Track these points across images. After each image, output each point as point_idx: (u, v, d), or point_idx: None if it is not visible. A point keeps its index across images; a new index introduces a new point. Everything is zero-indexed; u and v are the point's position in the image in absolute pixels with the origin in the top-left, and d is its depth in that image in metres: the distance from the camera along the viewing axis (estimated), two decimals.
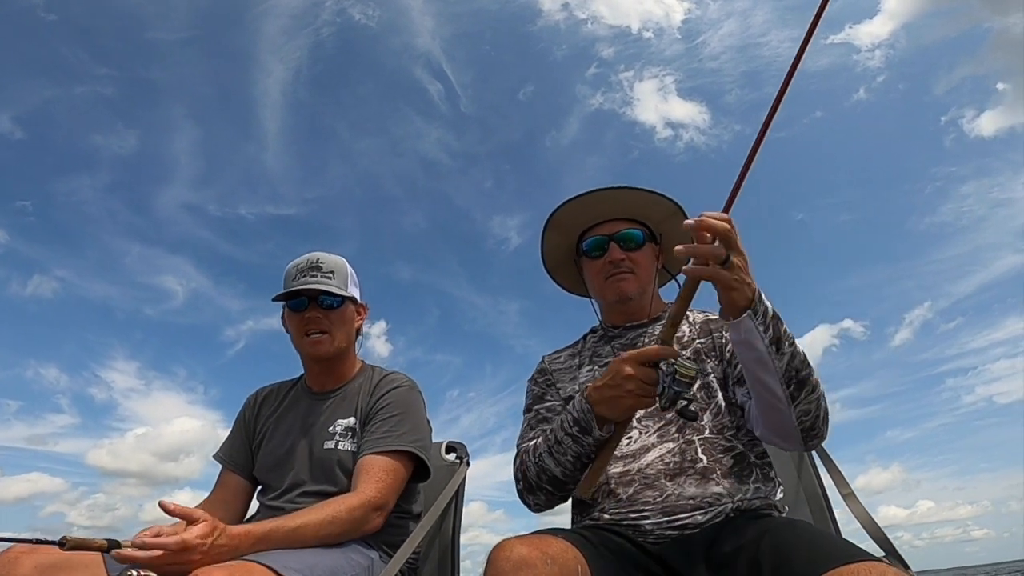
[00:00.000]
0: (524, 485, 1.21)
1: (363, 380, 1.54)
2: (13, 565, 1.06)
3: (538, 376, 1.38)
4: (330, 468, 1.41)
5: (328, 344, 1.47)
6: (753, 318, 0.94)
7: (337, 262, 1.50)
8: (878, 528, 1.16)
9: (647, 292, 1.34)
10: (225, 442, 1.61)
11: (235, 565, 1.02)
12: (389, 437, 1.38)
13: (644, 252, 1.33)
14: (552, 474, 1.13)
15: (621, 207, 1.33)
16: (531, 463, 1.17)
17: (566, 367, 1.35)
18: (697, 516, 1.04)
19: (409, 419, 1.43)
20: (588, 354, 1.34)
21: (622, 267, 1.30)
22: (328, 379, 1.55)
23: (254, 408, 1.62)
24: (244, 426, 1.60)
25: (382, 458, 1.35)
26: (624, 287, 1.29)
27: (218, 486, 1.54)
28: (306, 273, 1.46)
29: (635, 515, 1.07)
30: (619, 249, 1.30)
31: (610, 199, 1.33)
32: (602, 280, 1.32)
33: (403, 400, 1.47)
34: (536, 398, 1.34)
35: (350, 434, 1.45)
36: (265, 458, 1.51)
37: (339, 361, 1.54)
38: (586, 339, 1.41)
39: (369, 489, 1.28)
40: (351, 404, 1.49)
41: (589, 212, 1.35)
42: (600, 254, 1.32)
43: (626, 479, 1.12)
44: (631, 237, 1.31)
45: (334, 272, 1.48)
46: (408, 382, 1.53)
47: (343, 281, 1.49)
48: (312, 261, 1.48)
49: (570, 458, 1.10)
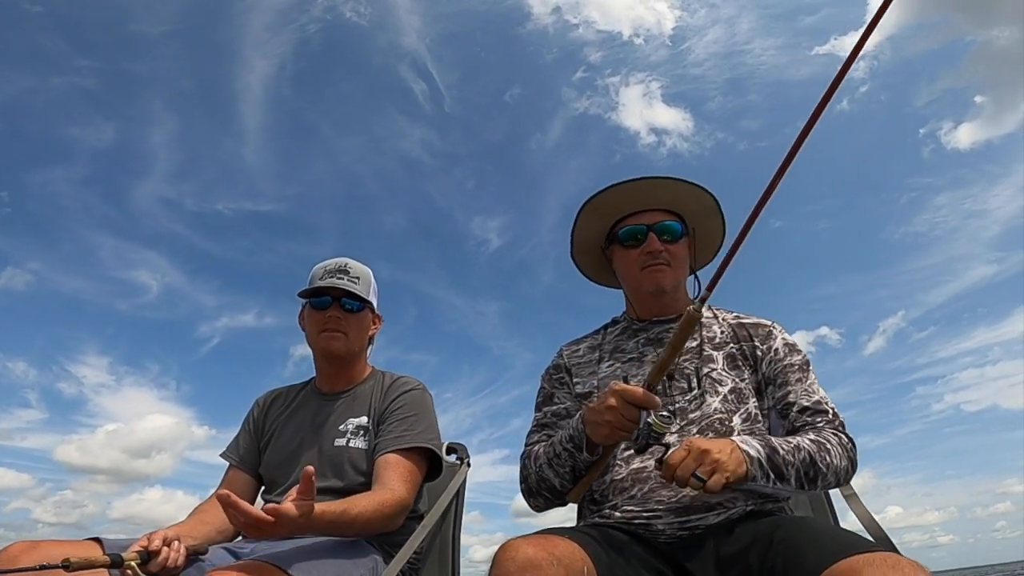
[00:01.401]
0: (525, 488, 1.25)
1: (374, 382, 1.57)
2: (12, 564, 1.04)
3: (553, 372, 1.37)
4: (340, 464, 1.42)
5: (342, 342, 1.51)
6: (751, 482, 0.99)
7: (363, 270, 1.56)
8: (879, 528, 1.18)
9: (680, 287, 1.32)
10: (232, 441, 1.62)
11: (247, 564, 1.03)
12: (408, 435, 1.41)
13: (681, 245, 1.29)
14: (551, 483, 1.18)
15: (661, 198, 1.29)
16: (532, 471, 1.21)
17: (585, 361, 1.33)
18: (710, 517, 1.05)
19: (424, 419, 1.47)
20: (609, 348, 1.32)
21: (660, 259, 1.26)
22: (339, 380, 1.58)
23: (263, 408, 1.64)
24: (252, 425, 1.61)
25: (403, 457, 1.38)
26: (661, 278, 1.26)
27: (224, 483, 1.55)
28: (333, 275, 1.51)
29: (648, 514, 1.08)
30: (658, 240, 1.26)
31: (650, 189, 1.28)
32: (637, 270, 1.28)
33: (417, 401, 1.51)
34: (545, 398, 1.34)
35: (362, 432, 1.47)
36: (273, 455, 1.52)
37: (350, 363, 1.58)
38: (607, 331, 1.38)
39: (401, 488, 1.32)
40: (363, 404, 1.52)
41: (628, 200, 1.30)
42: (636, 243, 1.28)
43: (642, 476, 1.12)
44: (671, 229, 1.27)
45: (360, 278, 1.53)
46: (420, 385, 1.57)
47: (366, 288, 1.54)
48: (341, 265, 1.53)
49: (567, 470, 1.15)
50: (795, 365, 1.21)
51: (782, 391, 1.19)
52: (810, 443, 1.06)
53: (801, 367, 1.21)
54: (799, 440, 1.06)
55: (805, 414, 1.15)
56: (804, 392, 1.17)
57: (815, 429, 1.12)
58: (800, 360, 1.22)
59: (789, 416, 1.16)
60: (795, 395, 1.17)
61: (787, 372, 1.20)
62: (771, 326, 1.28)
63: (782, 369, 1.20)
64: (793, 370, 1.20)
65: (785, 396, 1.18)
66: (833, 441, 1.09)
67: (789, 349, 1.23)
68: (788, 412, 1.16)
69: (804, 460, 1.03)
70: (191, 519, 1.37)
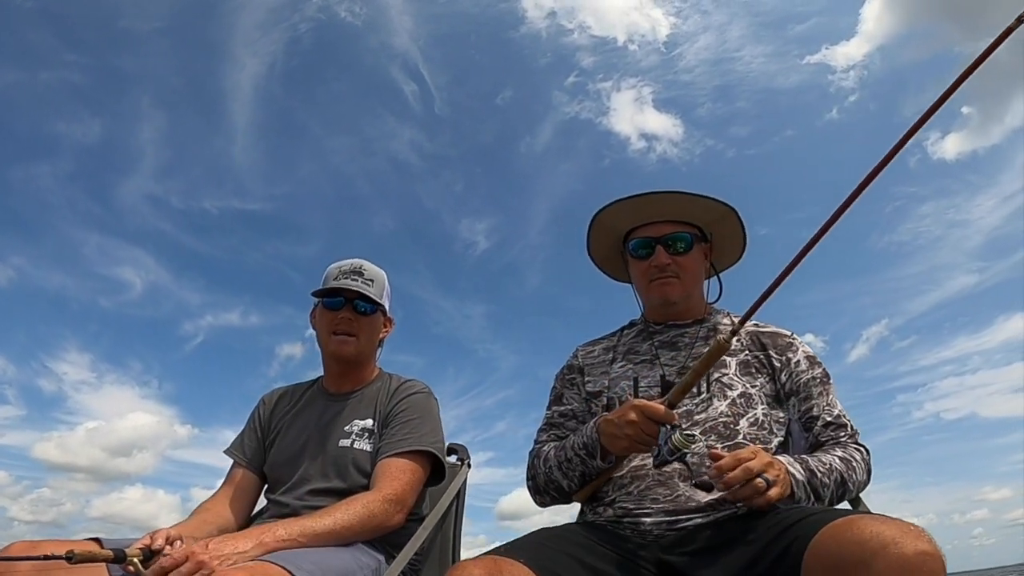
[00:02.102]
0: (533, 486, 1.30)
1: (381, 385, 1.56)
2: (12, 564, 1.03)
3: (566, 372, 1.39)
4: (343, 465, 1.41)
5: (353, 346, 1.50)
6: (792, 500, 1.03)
7: (378, 273, 1.55)
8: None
9: (692, 295, 1.34)
10: (237, 438, 1.60)
11: (253, 566, 1.02)
12: (408, 439, 1.40)
13: (692, 255, 1.30)
14: (559, 484, 1.22)
15: (669, 210, 1.30)
16: (541, 471, 1.25)
17: (599, 361, 1.35)
18: (697, 518, 1.05)
19: (427, 423, 1.46)
20: (623, 349, 1.34)
21: (667, 272, 1.28)
22: (346, 381, 1.57)
23: (269, 406, 1.62)
24: (258, 423, 1.60)
25: (400, 459, 1.37)
26: (668, 291, 1.28)
27: (227, 481, 1.53)
28: (348, 276, 1.50)
29: (639, 511, 1.08)
30: (665, 253, 1.28)
31: (657, 202, 1.30)
32: (646, 282, 1.31)
33: (421, 405, 1.50)
34: (556, 398, 1.36)
35: (367, 434, 1.46)
36: (277, 454, 1.51)
37: (359, 365, 1.57)
38: (623, 332, 1.40)
39: (386, 486, 1.31)
40: (369, 406, 1.51)
41: (636, 214, 1.32)
42: (646, 255, 1.30)
43: (641, 472, 1.13)
44: (679, 240, 1.29)
45: (374, 280, 1.52)
46: (426, 389, 1.56)
47: (380, 291, 1.53)
48: (355, 266, 1.52)
49: (577, 474, 1.18)
50: (816, 379, 1.23)
51: (806, 404, 1.22)
52: (840, 463, 1.11)
53: (822, 380, 1.24)
54: (831, 460, 1.10)
55: (829, 428, 1.20)
56: (827, 406, 1.21)
57: (840, 444, 1.17)
58: (820, 373, 1.25)
59: (813, 430, 1.21)
60: (818, 409, 1.21)
61: (810, 386, 1.22)
62: (791, 337, 1.30)
63: (805, 383, 1.23)
64: (815, 383, 1.23)
65: (809, 410, 1.21)
66: (857, 457, 1.15)
67: (810, 362, 1.26)
68: (812, 426, 1.21)
69: (837, 480, 1.09)
70: (194, 518, 1.36)
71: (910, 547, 0.71)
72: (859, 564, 0.72)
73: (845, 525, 0.78)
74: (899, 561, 0.70)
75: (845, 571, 0.74)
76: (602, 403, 1.27)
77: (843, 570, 0.74)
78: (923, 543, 0.71)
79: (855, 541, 0.74)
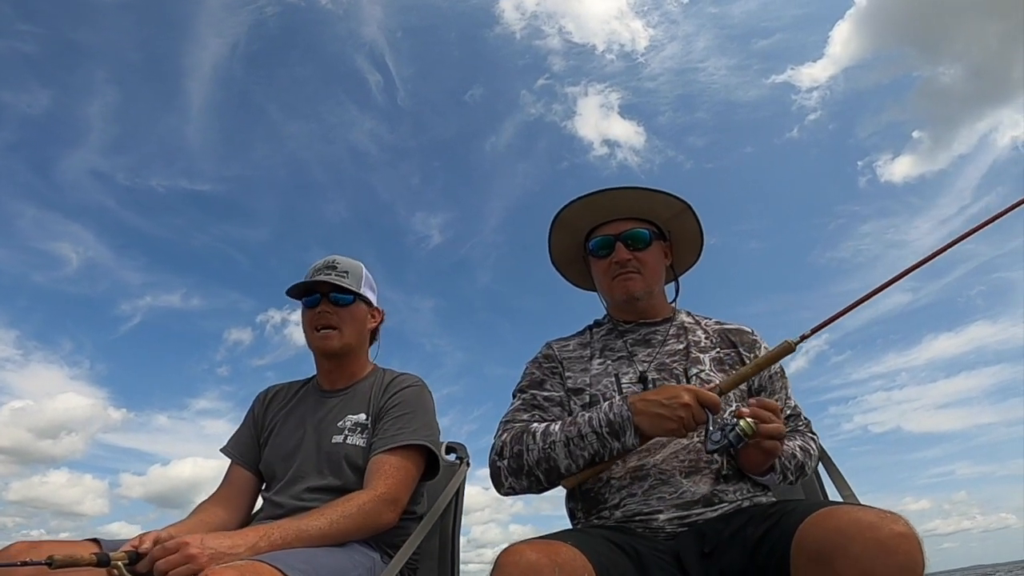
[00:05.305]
0: (511, 465, 1.16)
1: (374, 379, 1.56)
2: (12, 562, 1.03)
3: (544, 361, 1.37)
4: (337, 462, 1.41)
5: (336, 340, 1.50)
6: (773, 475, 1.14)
7: (353, 264, 1.55)
8: None
9: (654, 291, 1.36)
10: (233, 437, 1.61)
11: (243, 565, 1.02)
12: (401, 433, 1.40)
13: (651, 251, 1.34)
14: (556, 465, 1.11)
15: (627, 206, 1.34)
16: (535, 447, 1.13)
17: (576, 356, 1.34)
18: (708, 512, 1.08)
19: (419, 417, 1.45)
20: (599, 346, 1.34)
21: (628, 267, 1.31)
22: (339, 377, 1.57)
23: (264, 404, 1.63)
24: (253, 421, 1.61)
25: (393, 456, 1.36)
26: (630, 286, 1.31)
27: (225, 481, 1.53)
28: (321, 271, 1.51)
29: (649, 510, 1.09)
30: (625, 249, 1.31)
31: (616, 198, 1.33)
32: (609, 280, 1.34)
33: (414, 398, 1.49)
34: (535, 383, 1.32)
35: (360, 429, 1.46)
36: (271, 452, 1.52)
37: (349, 360, 1.57)
38: (592, 331, 1.41)
39: (379, 485, 1.30)
40: (362, 401, 1.51)
41: (595, 211, 1.36)
42: (606, 253, 1.33)
43: (641, 473, 1.13)
44: (638, 236, 1.32)
45: (348, 272, 1.52)
46: (419, 382, 1.56)
47: (357, 281, 1.53)
48: (328, 261, 1.53)
49: (587, 455, 1.09)
50: (778, 374, 1.32)
51: (770, 399, 1.25)
52: (800, 451, 1.20)
53: (782, 375, 1.33)
54: (793, 448, 1.19)
55: (789, 420, 1.30)
56: (787, 399, 1.32)
57: (799, 433, 1.28)
58: (780, 369, 1.32)
59: None
60: (780, 402, 1.28)
61: (773, 380, 1.30)
62: (754, 335, 1.36)
63: (769, 377, 1.30)
64: (778, 378, 1.31)
65: None
66: (812, 445, 1.26)
67: None
68: None
69: (797, 465, 1.19)
70: (191, 518, 1.37)
71: (886, 530, 0.74)
72: (837, 549, 0.75)
73: (826, 514, 0.81)
74: (875, 544, 0.73)
75: (826, 557, 0.76)
76: (584, 400, 1.25)
77: (824, 556, 0.76)
78: (899, 526, 0.75)
79: (835, 528, 0.77)
